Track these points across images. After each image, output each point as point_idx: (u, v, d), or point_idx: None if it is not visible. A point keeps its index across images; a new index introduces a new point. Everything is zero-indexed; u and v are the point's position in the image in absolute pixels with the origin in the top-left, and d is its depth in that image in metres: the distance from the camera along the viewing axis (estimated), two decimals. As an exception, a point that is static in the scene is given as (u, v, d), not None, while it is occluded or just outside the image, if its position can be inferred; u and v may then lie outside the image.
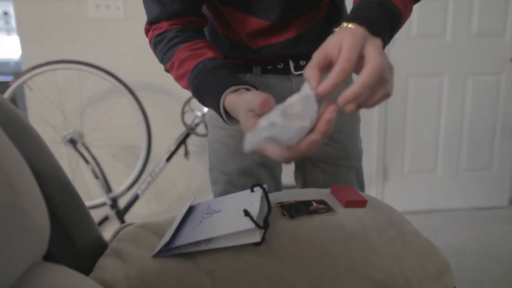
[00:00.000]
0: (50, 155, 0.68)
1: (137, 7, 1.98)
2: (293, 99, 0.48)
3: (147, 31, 0.74)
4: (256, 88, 0.62)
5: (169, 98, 2.10)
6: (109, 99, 2.09)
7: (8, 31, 5.71)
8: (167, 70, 0.72)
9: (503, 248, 1.94)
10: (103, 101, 2.10)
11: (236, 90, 0.61)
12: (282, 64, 0.80)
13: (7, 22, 5.92)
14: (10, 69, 5.34)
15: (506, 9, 2.23)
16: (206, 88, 0.64)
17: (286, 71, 0.80)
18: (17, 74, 1.81)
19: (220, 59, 0.68)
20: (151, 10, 0.70)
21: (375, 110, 2.30)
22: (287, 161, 0.49)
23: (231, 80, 0.62)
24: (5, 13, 5.74)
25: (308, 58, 0.80)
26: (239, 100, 0.58)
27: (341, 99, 0.45)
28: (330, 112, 0.46)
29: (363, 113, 0.91)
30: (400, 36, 2.19)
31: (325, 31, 0.77)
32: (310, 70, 0.48)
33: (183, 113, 1.91)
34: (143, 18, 0.74)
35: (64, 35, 2.02)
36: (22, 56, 2.03)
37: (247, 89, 0.61)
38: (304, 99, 0.48)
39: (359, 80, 0.45)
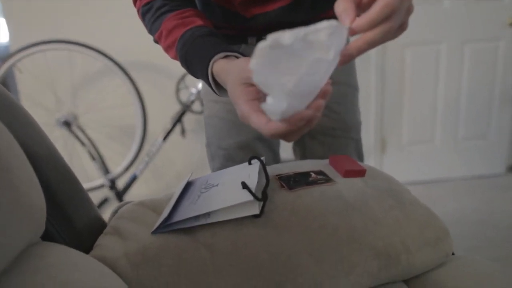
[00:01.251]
0: (44, 136, 0.66)
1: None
2: (320, 25, 0.38)
3: (134, 1, 0.71)
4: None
5: (163, 76, 2.07)
6: (102, 79, 2.05)
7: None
8: (156, 41, 0.69)
9: (501, 215, 1.96)
10: (96, 81, 2.06)
11: (225, 57, 0.57)
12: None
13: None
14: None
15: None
16: (194, 56, 0.60)
17: None
18: (6, 57, 1.77)
19: (209, 27, 0.65)
20: None
21: (372, 81, 2.27)
22: (275, 136, 0.43)
23: (220, 47, 0.58)
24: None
25: (304, 25, 0.78)
26: (228, 66, 0.54)
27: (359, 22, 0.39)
28: (326, 84, 0.41)
29: (360, 84, 0.89)
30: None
31: None
32: (344, 2, 0.40)
33: (177, 91, 1.89)
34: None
35: (52, 15, 1.97)
36: (10, 38, 1.98)
37: (237, 57, 0.58)
38: (334, 28, 0.38)
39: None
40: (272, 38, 0.35)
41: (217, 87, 0.60)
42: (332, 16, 0.79)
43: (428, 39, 2.24)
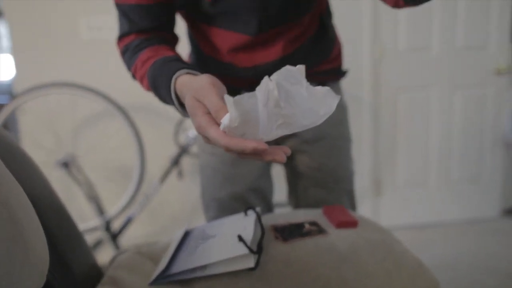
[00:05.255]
0: (45, 180, 0.69)
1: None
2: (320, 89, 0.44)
3: (117, 44, 0.75)
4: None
5: (162, 118, 2.12)
6: (102, 120, 2.10)
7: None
8: (133, 75, 0.72)
9: (496, 259, 1.95)
10: (96, 122, 2.10)
11: (188, 74, 0.58)
12: None
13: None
14: (1, 90, 5.34)
15: (488, 22, 2.30)
16: (160, 76, 0.62)
17: None
18: (11, 97, 1.82)
19: (179, 56, 0.68)
20: (122, 26, 0.73)
21: (366, 123, 2.32)
22: (229, 150, 0.45)
23: (183, 65, 0.60)
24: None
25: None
26: (190, 80, 0.55)
27: None
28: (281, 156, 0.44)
29: (354, 126, 0.92)
30: (388, 50, 2.25)
31: (312, 53, 0.79)
32: None
33: (176, 133, 1.93)
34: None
35: (58, 56, 2.04)
36: (16, 76, 2.04)
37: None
38: (328, 96, 0.44)
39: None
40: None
41: (182, 106, 0.60)
42: (322, 71, 0.83)
43: (419, 84, 2.33)
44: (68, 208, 0.71)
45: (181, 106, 0.60)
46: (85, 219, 2.04)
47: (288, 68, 0.42)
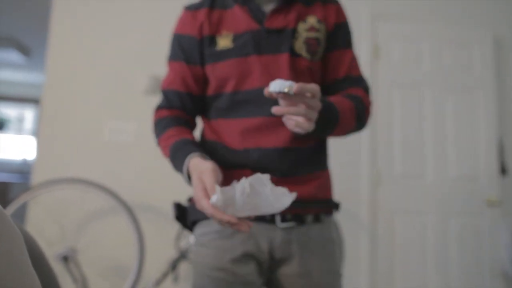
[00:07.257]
0: (55, 275, 0.74)
1: (147, 132, 2.17)
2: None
3: (154, 112, 1.00)
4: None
5: (166, 221, 2.18)
6: (108, 217, 2.16)
7: (19, 131, 6.09)
8: (158, 143, 0.95)
9: None
10: (102, 218, 2.17)
11: (199, 156, 0.81)
12: (269, 216, 0.87)
13: (20, 121, 6.39)
14: (14, 168, 5.54)
15: (476, 155, 2.46)
16: (179, 154, 0.86)
17: (272, 222, 0.88)
18: (27, 189, 1.92)
19: (193, 139, 0.91)
20: (162, 101, 0.99)
21: (363, 244, 2.35)
22: (215, 218, 0.69)
23: (197, 149, 0.84)
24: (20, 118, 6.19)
25: (295, 214, 0.90)
26: (197, 163, 0.79)
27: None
28: (245, 227, 0.69)
29: (351, 246, 0.97)
30: (385, 174, 2.40)
31: (308, 160, 0.91)
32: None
33: (178, 237, 1.98)
34: (151, 143, 0.92)
35: (79, 152, 2.20)
36: (36, 160, 2.18)
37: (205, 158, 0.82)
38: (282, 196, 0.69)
39: None
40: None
41: (189, 177, 0.82)
42: (313, 201, 0.93)
43: (415, 208, 2.41)
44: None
45: (188, 177, 0.82)
46: (72, 318, 1.98)
47: (258, 175, 0.68)
